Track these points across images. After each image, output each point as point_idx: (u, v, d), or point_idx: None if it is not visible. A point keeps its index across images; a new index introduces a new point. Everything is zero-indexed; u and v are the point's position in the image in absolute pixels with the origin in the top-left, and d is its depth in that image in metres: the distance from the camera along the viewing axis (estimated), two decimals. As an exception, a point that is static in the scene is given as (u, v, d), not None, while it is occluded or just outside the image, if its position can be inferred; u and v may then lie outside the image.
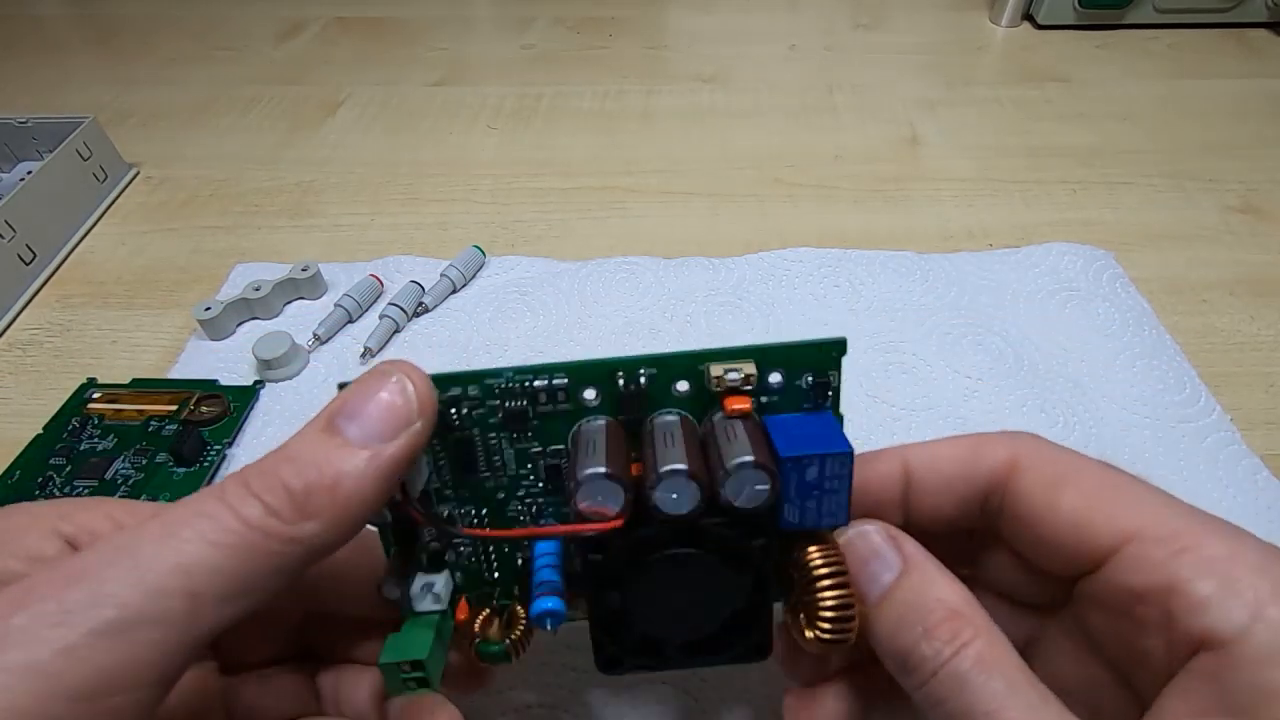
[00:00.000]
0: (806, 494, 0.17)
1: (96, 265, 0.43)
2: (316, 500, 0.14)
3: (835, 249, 0.42)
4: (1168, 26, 0.65)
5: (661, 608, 0.18)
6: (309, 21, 0.70)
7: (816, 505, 0.17)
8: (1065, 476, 0.17)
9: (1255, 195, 0.47)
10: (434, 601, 0.18)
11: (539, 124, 0.55)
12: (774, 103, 0.57)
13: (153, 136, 0.54)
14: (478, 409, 0.18)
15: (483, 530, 0.19)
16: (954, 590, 0.16)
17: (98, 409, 0.33)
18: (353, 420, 0.15)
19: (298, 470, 0.14)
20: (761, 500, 0.16)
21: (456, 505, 0.19)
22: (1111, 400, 0.33)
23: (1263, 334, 0.37)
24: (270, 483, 0.14)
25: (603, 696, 0.25)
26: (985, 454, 0.18)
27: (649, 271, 0.40)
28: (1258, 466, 0.30)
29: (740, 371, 0.17)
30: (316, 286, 0.39)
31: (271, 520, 0.14)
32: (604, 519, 0.16)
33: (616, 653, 0.19)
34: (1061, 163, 0.50)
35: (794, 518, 0.17)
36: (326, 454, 0.15)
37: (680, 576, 0.18)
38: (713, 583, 0.18)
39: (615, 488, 0.16)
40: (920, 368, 0.35)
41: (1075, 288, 0.39)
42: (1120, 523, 0.16)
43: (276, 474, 0.14)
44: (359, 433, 0.15)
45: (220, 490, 0.14)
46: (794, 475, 0.17)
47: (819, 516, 0.17)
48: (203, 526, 0.13)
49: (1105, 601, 0.16)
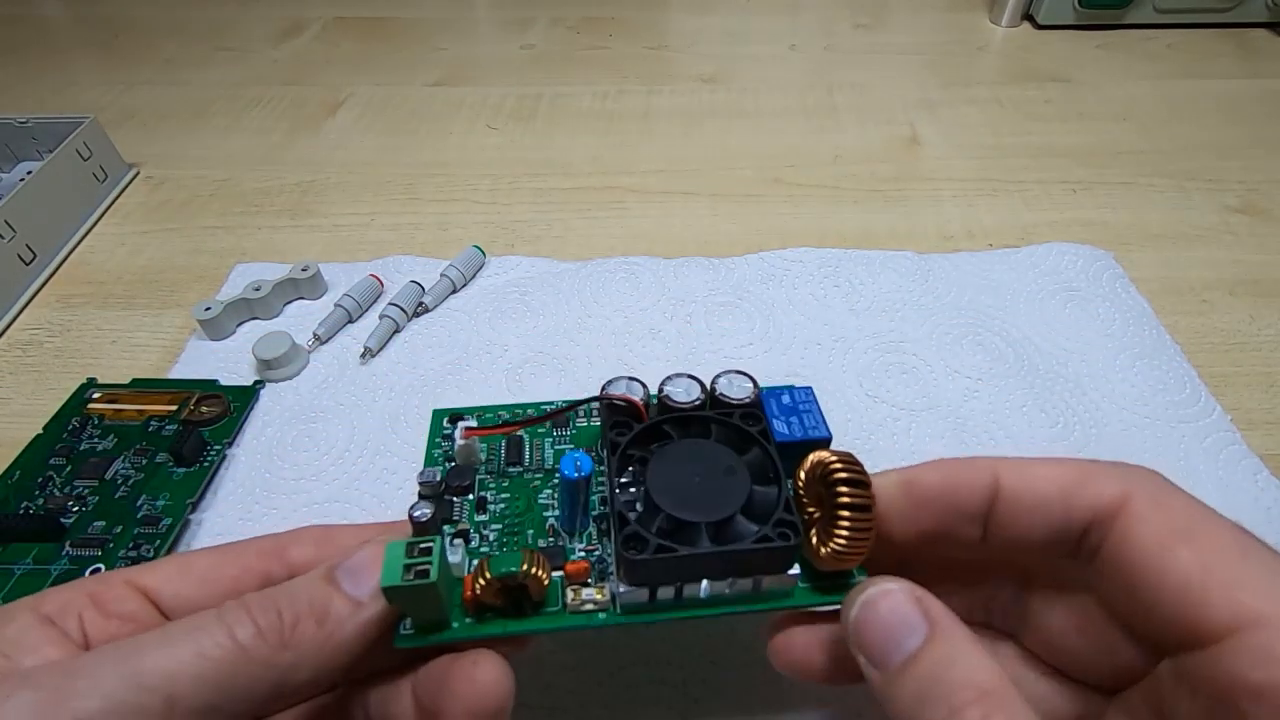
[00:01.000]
0: (789, 414, 0.21)
1: (96, 265, 0.43)
2: (302, 631, 0.16)
3: (835, 249, 0.42)
4: (1168, 26, 0.65)
5: (679, 487, 0.19)
6: (309, 21, 0.70)
7: (800, 421, 0.21)
8: (1186, 531, 0.15)
9: (1255, 195, 0.47)
10: (453, 552, 0.19)
11: (539, 124, 0.55)
12: (774, 103, 0.57)
13: (153, 136, 0.54)
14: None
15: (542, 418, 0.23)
16: (985, 667, 0.14)
17: (98, 409, 0.33)
18: (350, 575, 0.17)
19: (291, 602, 0.16)
20: (747, 393, 0.21)
21: (495, 491, 0.22)
22: (1111, 400, 0.33)
23: (1263, 334, 0.37)
24: (265, 606, 0.16)
25: (602, 697, 0.25)
26: (1092, 484, 0.16)
27: (649, 271, 0.40)
28: (1258, 467, 0.30)
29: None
30: (316, 286, 0.39)
31: (258, 643, 0.15)
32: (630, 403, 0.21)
33: (641, 532, 0.18)
34: (1061, 163, 0.50)
35: (783, 429, 0.21)
36: (321, 595, 0.17)
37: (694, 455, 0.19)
38: (724, 465, 0.19)
39: (637, 386, 0.21)
40: (920, 368, 0.35)
41: (1075, 288, 0.39)
42: (1244, 600, 0.14)
43: (274, 601, 0.16)
44: (353, 589, 0.17)
45: (221, 609, 0.16)
46: (772, 400, 0.22)
47: (804, 429, 0.21)
48: (197, 638, 0.15)
49: (1205, 688, 0.14)
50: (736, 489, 0.19)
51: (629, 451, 0.20)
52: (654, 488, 0.18)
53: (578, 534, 0.20)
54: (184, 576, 0.19)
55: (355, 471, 0.31)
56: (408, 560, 0.17)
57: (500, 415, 0.23)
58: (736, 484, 0.19)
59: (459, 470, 0.22)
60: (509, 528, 0.21)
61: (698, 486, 0.19)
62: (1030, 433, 0.32)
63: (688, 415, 0.20)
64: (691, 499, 0.18)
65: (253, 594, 0.17)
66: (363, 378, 0.35)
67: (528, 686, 0.25)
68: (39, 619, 0.17)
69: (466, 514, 0.21)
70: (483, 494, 0.21)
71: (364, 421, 0.33)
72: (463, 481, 0.21)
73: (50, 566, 0.27)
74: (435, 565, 0.17)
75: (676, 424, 0.20)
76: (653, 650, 0.26)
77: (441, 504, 0.21)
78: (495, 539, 0.20)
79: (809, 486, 0.19)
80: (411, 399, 0.34)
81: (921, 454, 0.32)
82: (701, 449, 0.20)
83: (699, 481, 0.19)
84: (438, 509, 0.20)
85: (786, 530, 0.18)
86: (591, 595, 0.19)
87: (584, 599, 0.19)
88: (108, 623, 0.17)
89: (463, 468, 0.22)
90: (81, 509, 0.29)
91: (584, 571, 0.19)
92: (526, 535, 0.20)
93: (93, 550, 0.28)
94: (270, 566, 0.19)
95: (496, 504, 0.21)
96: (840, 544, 0.18)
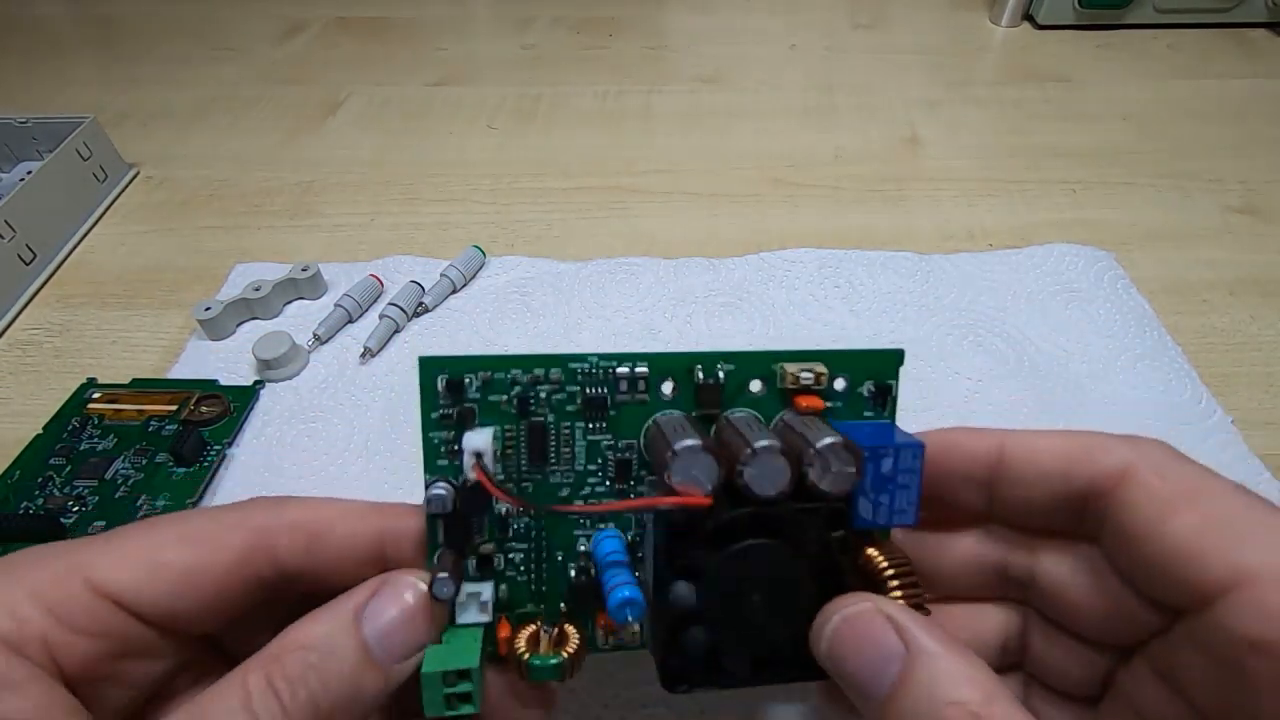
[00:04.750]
0: (881, 488, 0.17)
1: (96, 265, 0.43)
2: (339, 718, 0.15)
3: (835, 249, 0.42)
4: (1167, 26, 0.65)
5: (734, 608, 0.17)
6: (309, 21, 0.70)
7: (889, 501, 0.17)
8: (1187, 495, 0.15)
9: (1255, 195, 0.47)
10: (480, 612, 0.18)
11: (539, 124, 0.55)
12: (774, 103, 0.57)
13: (153, 136, 0.54)
14: (557, 394, 0.18)
15: (570, 507, 0.18)
16: (971, 680, 0.14)
17: (98, 409, 0.33)
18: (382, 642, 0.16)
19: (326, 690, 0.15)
20: (847, 483, 0.17)
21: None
22: (1112, 401, 0.33)
23: (1263, 334, 0.37)
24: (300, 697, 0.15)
25: (602, 697, 0.25)
26: (1098, 454, 0.16)
27: (649, 272, 0.40)
28: (1259, 469, 0.30)
29: (813, 372, 0.18)
30: (316, 286, 0.39)
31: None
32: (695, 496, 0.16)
33: (681, 665, 0.17)
34: (1061, 163, 0.50)
35: (868, 514, 0.17)
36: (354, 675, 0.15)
37: (758, 568, 0.17)
38: (789, 579, 0.17)
39: (709, 463, 0.16)
40: (921, 368, 0.35)
41: (1076, 288, 0.39)
42: (1241, 557, 0.14)
43: (307, 686, 0.15)
44: (379, 647, 0.16)
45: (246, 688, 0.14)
46: (871, 466, 0.17)
47: (890, 513, 0.17)
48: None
49: (1208, 646, 0.14)
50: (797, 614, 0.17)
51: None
52: (706, 607, 0.17)
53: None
54: (154, 579, 0.16)
55: (355, 471, 0.31)
56: (447, 690, 0.16)
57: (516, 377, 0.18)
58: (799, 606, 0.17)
59: (473, 494, 0.18)
60: (537, 549, 0.19)
61: (754, 604, 0.17)
62: (1030, 433, 0.32)
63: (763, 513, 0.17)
64: (742, 623, 0.17)
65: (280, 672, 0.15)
66: (363, 378, 0.35)
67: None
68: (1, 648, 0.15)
69: (487, 531, 0.18)
70: (503, 508, 0.18)
71: (364, 421, 0.33)
72: (478, 507, 0.18)
73: (50, 567, 0.27)
74: (476, 692, 0.16)
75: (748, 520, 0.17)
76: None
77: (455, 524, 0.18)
78: (521, 563, 0.19)
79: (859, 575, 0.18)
80: (411, 399, 0.34)
81: (922, 454, 0.32)
82: (768, 557, 0.17)
83: (756, 599, 0.17)
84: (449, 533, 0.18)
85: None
86: (623, 639, 0.19)
87: (614, 642, 0.19)
88: (78, 641, 0.15)
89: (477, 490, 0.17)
90: (81, 509, 0.29)
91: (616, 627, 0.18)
92: (555, 559, 0.19)
93: (92, 550, 0.28)
94: (259, 570, 0.17)
95: (520, 519, 0.18)
96: None
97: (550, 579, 0.19)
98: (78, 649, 0.15)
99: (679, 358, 0.18)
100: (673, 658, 0.17)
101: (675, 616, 0.17)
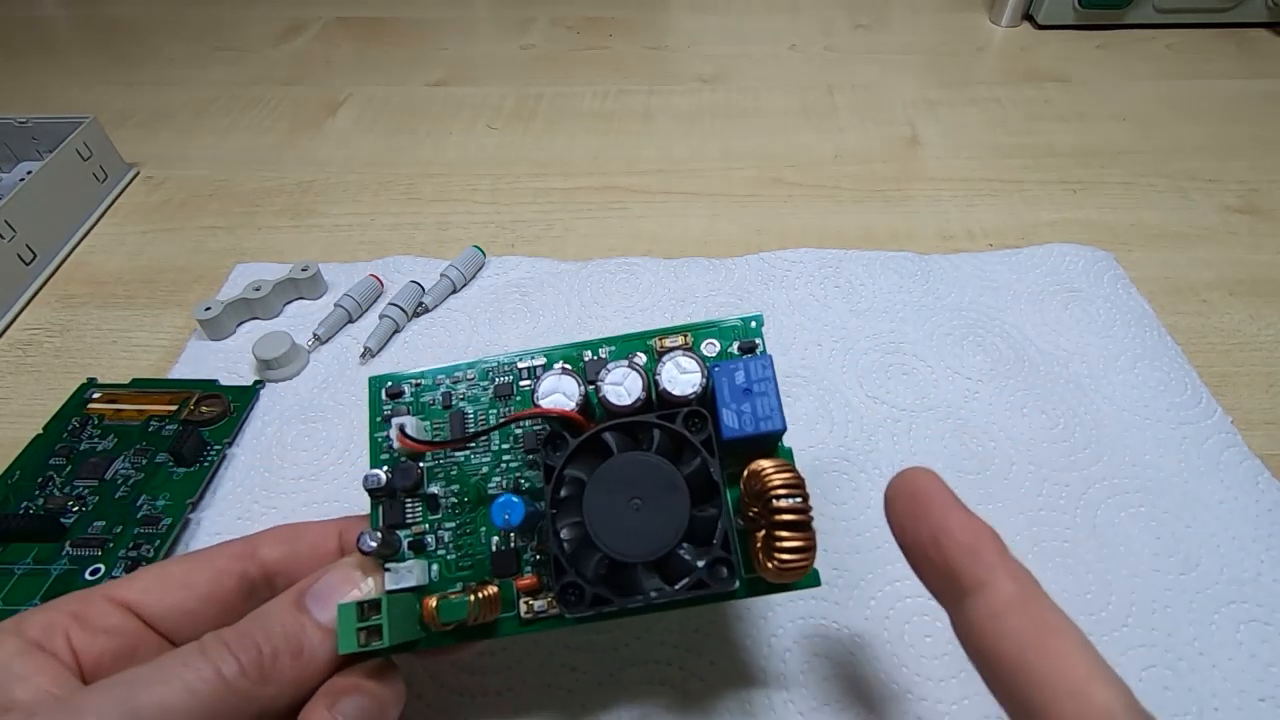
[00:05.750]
0: (740, 399, 0.19)
1: (96, 265, 0.43)
2: (280, 665, 0.18)
3: (835, 249, 0.42)
4: (1167, 26, 0.65)
5: (617, 517, 0.18)
6: (309, 21, 0.70)
7: (752, 409, 0.19)
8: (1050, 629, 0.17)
9: (1255, 195, 0.47)
10: (408, 577, 0.19)
11: (539, 124, 0.55)
12: (774, 103, 0.57)
13: (153, 136, 0.54)
14: (473, 388, 0.22)
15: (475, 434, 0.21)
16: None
17: (98, 409, 0.33)
18: (319, 601, 0.19)
19: (268, 636, 0.18)
20: (694, 386, 0.19)
21: (444, 484, 0.21)
22: (1112, 402, 0.33)
23: (1263, 334, 0.37)
24: (245, 643, 0.17)
25: (602, 698, 0.25)
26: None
27: (649, 272, 0.40)
28: (1259, 469, 0.30)
29: (679, 336, 0.22)
30: (316, 286, 0.39)
31: (241, 679, 0.17)
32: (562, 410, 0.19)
33: (576, 581, 0.18)
34: (1061, 163, 0.50)
35: (734, 423, 0.19)
36: (294, 626, 0.18)
37: (632, 474, 0.18)
38: (663, 483, 0.18)
39: (571, 383, 0.20)
40: (920, 369, 0.35)
41: (1076, 288, 0.39)
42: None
43: (252, 636, 0.18)
44: (323, 614, 0.19)
45: (203, 646, 0.17)
46: (724, 379, 0.19)
47: (756, 420, 0.19)
48: (185, 674, 0.16)
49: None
50: (677, 512, 0.18)
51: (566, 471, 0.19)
52: (591, 521, 0.18)
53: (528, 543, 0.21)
54: (162, 585, 0.20)
55: (355, 471, 0.31)
56: (360, 624, 0.18)
57: (440, 380, 0.22)
58: (678, 505, 0.18)
59: (404, 470, 0.21)
60: (463, 527, 0.21)
61: (637, 513, 0.18)
62: (1030, 434, 0.32)
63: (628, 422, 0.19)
64: (630, 530, 0.18)
65: (231, 630, 0.18)
66: (362, 378, 0.35)
67: (527, 688, 0.25)
68: (25, 644, 0.17)
69: (420, 514, 0.21)
70: (432, 489, 0.21)
71: (364, 421, 0.33)
72: (408, 482, 0.21)
73: (50, 566, 0.27)
74: (386, 626, 0.18)
75: (617, 431, 0.19)
76: (651, 651, 0.26)
77: (394, 506, 0.21)
78: (450, 540, 0.21)
79: (748, 493, 0.19)
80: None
81: (922, 454, 0.32)
82: (642, 466, 0.18)
83: (639, 506, 0.18)
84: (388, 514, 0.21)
85: (723, 567, 0.18)
86: (543, 608, 0.20)
87: (535, 612, 0.20)
88: (94, 639, 0.18)
89: (407, 467, 0.21)
90: (81, 509, 0.29)
91: (534, 586, 0.20)
92: (480, 534, 0.21)
93: (93, 550, 0.28)
94: (244, 567, 0.21)
95: (447, 498, 0.21)
96: (783, 561, 0.18)
97: (475, 553, 0.21)
98: (95, 645, 0.18)
99: (569, 347, 0.22)
100: (567, 578, 0.18)
101: (563, 535, 0.18)
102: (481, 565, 0.21)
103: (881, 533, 0.29)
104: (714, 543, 0.18)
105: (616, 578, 0.18)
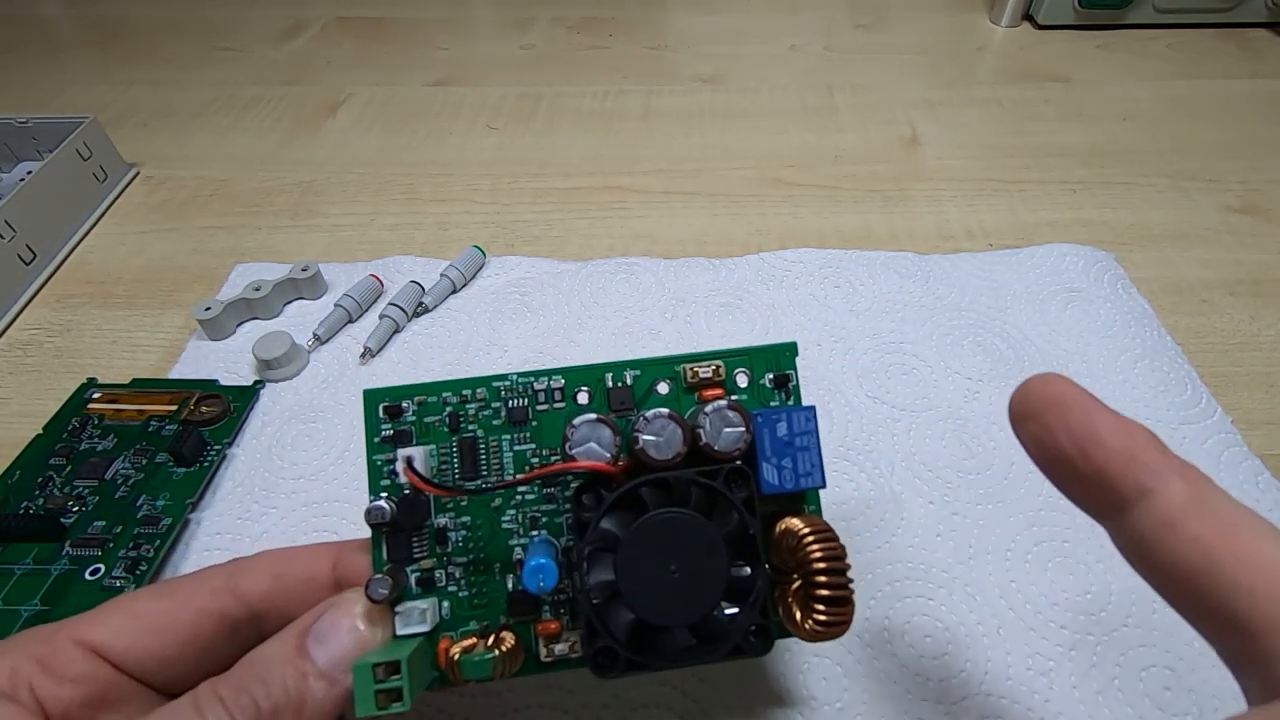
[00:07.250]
0: (781, 453, 0.18)
1: (96, 265, 0.43)
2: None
3: (835, 249, 0.42)
4: (1168, 27, 0.65)
5: (653, 578, 0.17)
6: (309, 21, 0.70)
7: (792, 464, 0.18)
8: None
9: (1255, 195, 0.47)
10: (419, 620, 0.18)
11: (539, 124, 0.55)
12: (774, 103, 0.57)
13: (153, 136, 0.54)
14: (484, 410, 0.20)
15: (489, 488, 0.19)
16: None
17: (98, 409, 0.33)
18: (321, 645, 0.17)
19: (268, 691, 0.16)
20: (737, 442, 0.18)
21: (455, 516, 0.20)
22: (1112, 402, 0.33)
23: (1263, 334, 0.37)
24: (243, 701, 0.16)
25: (602, 697, 0.25)
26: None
27: (649, 272, 0.40)
28: (1259, 469, 0.30)
29: (710, 366, 0.20)
30: (316, 286, 0.39)
31: None
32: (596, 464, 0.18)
33: (610, 646, 0.17)
34: (1061, 163, 0.50)
35: (773, 479, 0.18)
36: (296, 679, 0.17)
37: (668, 536, 0.17)
38: (701, 543, 0.17)
39: (607, 434, 0.18)
40: (920, 369, 0.35)
41: (1076, 289, 0.39)
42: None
43: (249, 692, 0.16)
44: (326, 660, 0.17)
45: (198, 700, 0.16)
46: (766, 431, 0.18)
47: (796, 477, 0.18)
48: None
49: None
50: (715, 575, 0.17)
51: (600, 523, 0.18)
52: (625, 581, 0.17)
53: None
54: (134, 628, 0.18)
55: (355, 471, 0.31)
56: (378, 686, 0.16)
57: (446, 399, 0.20)
58: (717, 568, 0.17)
59: (411, 505, 0.19)
60: (476, 563, 0.19)
61: (673, 575, 0.17)
62: (1030, 433, 0.32)
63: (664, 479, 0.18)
64: (666, 590, 0.17)
65: (226, 683, 0.16)
66: (363, 378, 0.35)
67: (527, 687, 0.25)
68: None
69: (428, 548, 0.19)
70: (441, 521, 0.19)
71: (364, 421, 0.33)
72: (417, 520, 0.19)
73: (50, 567, 0.27)
74: (407, 689, 0.16)
75: (653, 487, 0.18)
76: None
77: (399, 540, 0.19)
78: (462, 577, 0.19)
79: (781, 549, 0.18)
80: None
81: (921, 455, 0.32)
82: (679, 524, 0.17)
83: (674, 569, 0.17)
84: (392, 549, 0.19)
85: (756, 637, 0.18)
86: (564, 651, 0.19)
87: (555, 655, 0.19)
88: (61, 688, 0.17)
89: (414, 502, 0.19)
90: (81, 509, 0.29)
91: (555, 632, 0.19)
92: (494, 570, 0.19)
93: (93, 550, 0.28)
94: (226, 606, 0.19)
95: (457, 531, 0.19)
96: (820, 625, 0.17)
97: (490, 591, 0.19)
98: (63, 694, 0.17)
99: (590, 369, 0.20)
100: (600, 642, 0.17)
101: (594, 594, 0.17)
102: (496, 604, 0.19)
103: (882, 533, 0.29)
104: (751, 606, 0.17)
105: (648, 635, 0.18)
